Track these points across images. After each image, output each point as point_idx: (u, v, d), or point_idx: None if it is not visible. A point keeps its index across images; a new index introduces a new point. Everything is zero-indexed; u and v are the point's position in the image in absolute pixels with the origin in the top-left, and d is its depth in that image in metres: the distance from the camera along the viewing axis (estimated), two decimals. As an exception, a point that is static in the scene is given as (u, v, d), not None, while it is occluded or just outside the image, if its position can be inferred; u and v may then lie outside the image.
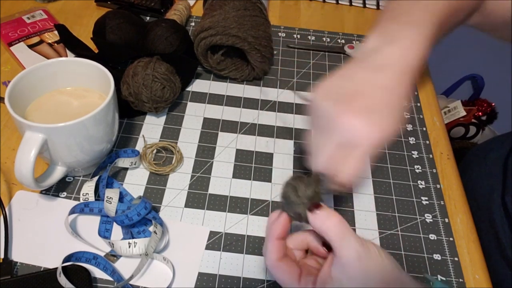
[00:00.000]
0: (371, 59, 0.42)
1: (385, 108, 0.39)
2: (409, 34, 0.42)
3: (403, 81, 0.41)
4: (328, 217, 0.35)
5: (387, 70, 0.41)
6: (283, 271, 0.36)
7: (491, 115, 1.32)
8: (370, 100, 0.39)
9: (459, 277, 0.48)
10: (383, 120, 0.39)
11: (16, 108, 0.46)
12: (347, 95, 0.39)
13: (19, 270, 0.45)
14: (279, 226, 0.37)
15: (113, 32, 0.64)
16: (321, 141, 0.40)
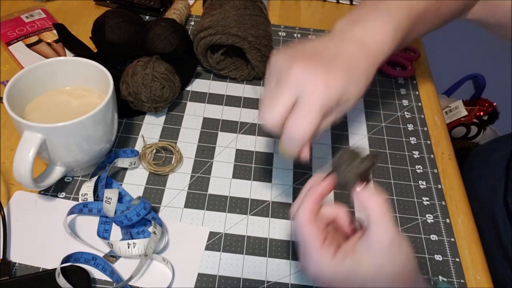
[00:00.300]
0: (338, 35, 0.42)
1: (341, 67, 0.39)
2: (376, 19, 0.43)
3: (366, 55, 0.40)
4: (374, 194, 0.35)
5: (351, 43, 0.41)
6: (310, 233, 0.35)
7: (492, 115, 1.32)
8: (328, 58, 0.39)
9: (460, 278, 0.48)
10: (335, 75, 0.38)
11: (15, 108, 0.45)
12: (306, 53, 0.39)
13: (18, 270, 0.45)
14: (322, 187, 0.37)
15: (112, 31, 0.64)
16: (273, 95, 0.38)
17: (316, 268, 0.35)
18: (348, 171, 0.35)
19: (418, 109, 0.65)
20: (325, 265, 0.34)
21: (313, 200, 0.36)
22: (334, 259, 0.34)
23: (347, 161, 0.35)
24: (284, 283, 0.46)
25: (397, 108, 0.65)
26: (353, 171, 0.35)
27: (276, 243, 0.49)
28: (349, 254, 0.34)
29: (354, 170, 0.35)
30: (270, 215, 0.51)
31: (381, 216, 0.34)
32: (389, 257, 0.33)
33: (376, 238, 0.33)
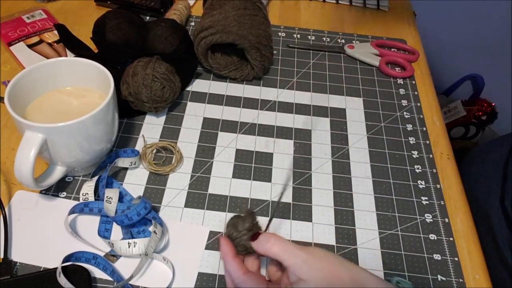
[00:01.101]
0: None
1: None
2: None
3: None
4: (267, 240, 0.38)
5: None
6: (252, 281, 0.38)
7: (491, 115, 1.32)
8: None
9: (459, 277, 0.48)
10: None
11: (16, 108, 0.46)
12: None
13: (19, 270, 0.45)
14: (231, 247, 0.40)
15: (113, 31, 0.64)
16: None
17: None
18: (238, 238, 0.40)
19: (417, 109, 0.66)
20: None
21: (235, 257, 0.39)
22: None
23: (233, 229, 0.40)
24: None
25: (396, 108, 0.65)
26: (242, 234, 0.40)
27: (276, 243, 0.49)
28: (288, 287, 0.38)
29: (242, 233, 0.40)
30: (270, 215, 0.51)
31: (283, 250, 0.38)
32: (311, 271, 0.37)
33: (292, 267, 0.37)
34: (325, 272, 0.37)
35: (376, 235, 0.51)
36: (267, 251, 0.38)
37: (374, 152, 0.59)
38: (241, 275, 0.38)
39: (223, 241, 0.40)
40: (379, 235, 0.51)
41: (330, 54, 0.73)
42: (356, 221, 0.52)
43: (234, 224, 0.40)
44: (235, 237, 0.40)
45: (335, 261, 0.38)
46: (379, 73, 0.71)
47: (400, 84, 0.69)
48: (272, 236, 0.39)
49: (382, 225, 0.52)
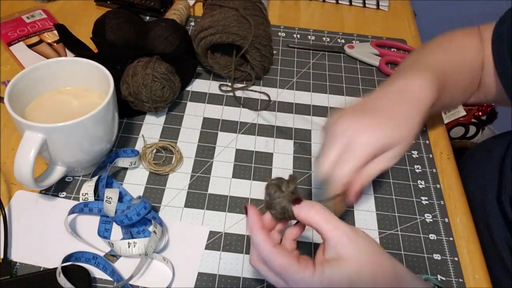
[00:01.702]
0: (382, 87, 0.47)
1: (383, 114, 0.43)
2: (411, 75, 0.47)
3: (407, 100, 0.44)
4: (311, 206, 0.36)
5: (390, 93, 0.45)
6: (282, 255, 0.35)
7: (491, 114, 1.32)
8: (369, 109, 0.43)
9: (459, 277, 0.48)
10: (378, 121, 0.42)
11: (16, 108, 0.46)
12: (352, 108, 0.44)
13: (19, 270, 0.45)
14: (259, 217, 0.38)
15: (112, 31, 0.64)
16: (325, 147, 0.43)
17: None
18: (280, 202, 0.37)
19: (417, 109, 0.66)
20: (311, 282, 0.35)
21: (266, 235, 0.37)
22: (316, 273, 0.35)
23: (277, 189, 0.38)
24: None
25: (396, 108, 0.65)
26: (284, 199, 0.37)
27: (276, 243, 0.49)
28: (324, 263, 0.35)
29: (285, 194, 0.37)
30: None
31: (326, 220, 0.35)
32: (356, 250, 0.34)
33: (334, 240, 0.35)
34: (371, 258, 0.35)
35: (376, 235, 0.51)
36: (309, 218, 0.36)
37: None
38: (269, 247, 0.35)
39: (251, 209, 0.37)
40: (379, 235, 0.51)
41: (330, 54, 0.73)
42: (356, 221, 0.52)
43: (277, 184, 0.38)
44: (277, 197, 0.37)
45: (380, 249, 0.36)
46: (379, 73, 0.71)
47: (400, 84, 0.69)
48: (317, 204, 0.36)
49: (382, 225, 0.52)
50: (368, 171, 0.42)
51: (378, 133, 0.42)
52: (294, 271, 0.35)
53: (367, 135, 0.41)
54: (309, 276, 0.35)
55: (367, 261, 0.34)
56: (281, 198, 0.37)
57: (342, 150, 0.41)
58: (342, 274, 0.34)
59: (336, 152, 0.42)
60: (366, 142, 0.41)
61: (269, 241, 0.36)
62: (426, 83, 0.47)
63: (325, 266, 0.35)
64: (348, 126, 0.42)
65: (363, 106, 0.45)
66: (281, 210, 0.37)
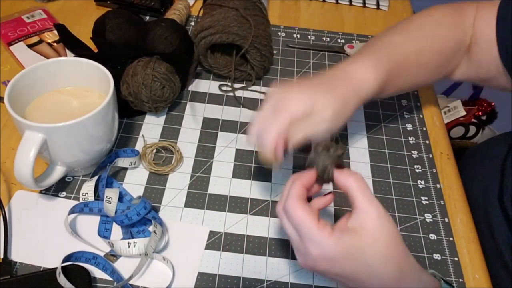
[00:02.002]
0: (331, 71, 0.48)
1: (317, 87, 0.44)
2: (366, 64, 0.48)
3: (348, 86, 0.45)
4: (351, 174, 0.37)
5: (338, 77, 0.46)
6: (304, 211, 0.36)
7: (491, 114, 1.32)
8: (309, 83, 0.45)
9: (459, 277, 0.48)
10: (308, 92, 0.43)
11: (16, 108, 0.46)
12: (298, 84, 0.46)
13: (19, 270, 0.45)
14: (306, 175, 0.39)
15: (112, 31, 0.64)
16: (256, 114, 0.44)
17: (317, 249, 0.36)
18: (324, 160, 0.39)
19: (417, 109, 0.66)
20: (325, 243, 0.35)
21: (299, 188, 0.38)
22: (333, 236, 0.35)
23: (325, 148, 0.39)
24: (284, 282, 0.46)
25: (396, 108, 0.65)
26: (329, 159, 0.39)
27: (276, 243, 0.49)
28: (344, 230, 0.36)
29: (329, 158, 0.39)
30: (269, 215, 0.52)
31: (363, 191, 0.36)
32: (380, 227, 0.35)
33: (365, 212, 0.36)
34: (390, 239, 0.35)
35: (376, 235, 0.51)
36: (347, 184, 0.37)
37: (374, 152, 0.59)
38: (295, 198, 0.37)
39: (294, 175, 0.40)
40: (379, 235, 0.51)
41: (330, 54, 0.73)
42: (356, 221, 0.52)
43: (327, 145, 0.40)
44: (323, 155, 0.39)
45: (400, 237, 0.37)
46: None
47: (400, 84, 0.69)
48: (357, 174, 0.37)
49: (382, 225, 0.52)
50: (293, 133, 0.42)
51: (304, 100, 0.42)
52: (311, 227, 0.36)
53: (293, 100, 0.42)
54: (324, 237, 0.35)
55: (386, 241, 0.35)
56: (326, 156, 0.39)
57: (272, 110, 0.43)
58: (358, 245, 0.35)
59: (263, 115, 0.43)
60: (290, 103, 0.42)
61: (297, 194, 0.37)
62: (367, 71, 0.47)
63: (344, 233, 0.35)
64: (281, 92, 0.44)
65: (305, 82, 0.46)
66: (322, 168, 0.39)
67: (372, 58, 0.49)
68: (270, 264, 0.47)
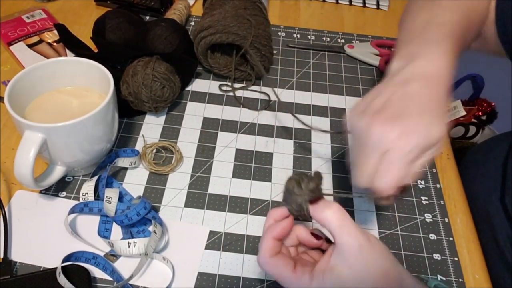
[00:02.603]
0: (397, 76, 0.43)
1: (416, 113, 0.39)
2: (428, 50, 0.43)
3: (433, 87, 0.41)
4: (327, 206, 0.35)
5: (413, 81, 0.41)
6: (277, 265, 0.36)
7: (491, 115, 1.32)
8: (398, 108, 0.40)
9: (459, 277, 0.48)
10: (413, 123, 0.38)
11: (16, 108, 0.46)
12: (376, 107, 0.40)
13: (19, 269, 0.45)
14: (280, 226, 0.37)
15: (112, 31, 0.64)
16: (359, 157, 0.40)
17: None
18: (298, 195, 0.36)
19: (417, 109, 0.66)
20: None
21: (272, 238, 0.37)
22: (314, 281, 0.34)
23: (296, 184, 0.37)
24: None
25: (396, 108, 0.65)
26: (303, 192, 0.36)
27: (276, 242, 0.49)
28: (326, 271, 0.34)
29: (304, 191, 0.36)
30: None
31: (341, 223, 0.34)
32: (362, 260, 0.33)
33: (345, 247, 0.34)
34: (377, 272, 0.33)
35: (376, 235, 0.51)
36: (324, 219, 0.34)
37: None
38: (266, 257, 0.36)
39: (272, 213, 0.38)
40: (379, 235, 0.51)
41: (330, 54, 0.73)
42: (356, 221, 0.52)
43: (297, 180, 0.37)
44: (294, 194, 0.36)
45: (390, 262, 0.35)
46: (379, 73, 0.71)
47: (400, 84, 0.69)
48: (334, 205, 0.35)
49: (382, 225, 0.52)
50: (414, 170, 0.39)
51: (417, 138, 0.38)
52: (288, 281, 0.35)
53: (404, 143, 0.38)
54: (305, 283, 0.35)
55: (372, 274, 0.33)
56: (298, 195, 0.36)
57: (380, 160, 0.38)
58: (341, 283, 0.34)
59: (373, 163, 0.38)
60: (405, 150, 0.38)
61: (267, 249, 0.36)
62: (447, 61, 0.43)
63: (325, 275, 0.34)
64: (382, 131, 0.38)
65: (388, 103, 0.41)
66: (296, 207, 0.37)
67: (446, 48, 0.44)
68: (270, 264, 0.47)
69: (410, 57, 0.44)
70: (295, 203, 0.36)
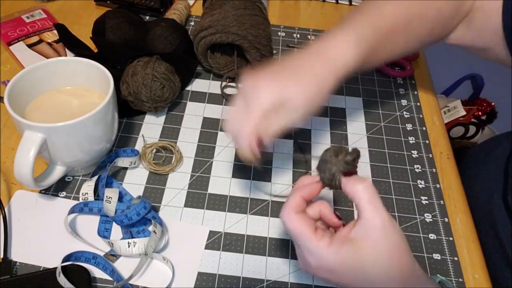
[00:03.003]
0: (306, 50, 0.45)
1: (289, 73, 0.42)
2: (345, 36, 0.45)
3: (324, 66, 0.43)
4: (359, 180, 0.35)
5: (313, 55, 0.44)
6: (300, 222, 0.36)
7: (491, 114, 1.32)
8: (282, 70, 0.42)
9: (458, 276, 0.48)
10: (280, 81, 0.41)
11: (16, 108, 0.46)
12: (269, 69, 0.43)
13: (19, 269, 0.45)
14: (309, 188, 0.38)
15: (112, 31, 0.64)
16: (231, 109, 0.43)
17: (315, 259, 0.35)
18: (332, 167, 0.37)
19: (417, 109, 0.66)
20: (323, 255, 0.35)
21: (297, 197, 0.37)
22: (331, 247, 0.34)
23: (334, 154, 0.37)
24: (284, 281, 0.46)
25: (396, 108, 0.65)
26: (337, 166, 0.36)
27: (276, 242, 0.49)
28: (345, 241, 0.34)
29: (338, 165, 0.36)
30: (269, 214, 0.52)
31: (369, 200, 0.34)
32: (384, 238, 0.34)
33: (369, 222, 0.34)
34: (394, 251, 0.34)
35: (375, 235, 0.51)
36: (354, 192, 0.35)
37: (374, 152, 0.59)
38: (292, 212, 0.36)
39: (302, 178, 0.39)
40: (378, 235, 0.51)
41: (330, 54, 0.73)
42: (356, 220, 0.52)
43: (336, 151, 0.37)
44: (330, 162, 0.37)
45: (406, 247, 0.35)
46: (379, 73, 0.71)
47: (400, 83, 0.69)
48: (367, 181, 0.35)
49: (382, 225, 0.52)
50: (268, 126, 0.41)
51: (273, 86, 0.41)
52: (308, 239, 0.35)
53: (262, 90, 0.41)
54: (322, 249, 0.35)
55: (389, 254, 0.34)
56: (333, 164, 0.36)
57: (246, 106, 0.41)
58: (357, 257, 0.34)
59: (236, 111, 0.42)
60: (260, 96, 0.40)
61: (294, 205, 0.36)
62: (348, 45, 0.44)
63: (344, 245, 0.34)
64: (253, 84, 0.42)
65: (278, 66, 0.44)
66: (329, 176, 0.37)
67: (354, 30, 0.45)
68: (270, 264, 0.47)
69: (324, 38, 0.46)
70: (328, 171, 0.37)
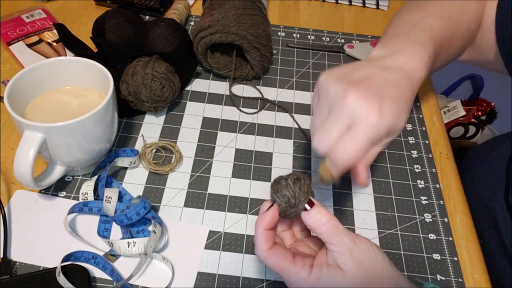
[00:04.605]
0: (379, 61, 0.43)
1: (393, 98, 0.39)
2: (411, 49, 0.44)
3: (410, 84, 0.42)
4: (322, 215, 0.37)
5: (395, 70, 0.42)
6: (276, 257, 0.37)
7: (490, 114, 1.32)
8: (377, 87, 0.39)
9: (458, 277, 0.48)
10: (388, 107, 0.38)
11: (15, 107, 0.45)
12: (355, 79, 0.40)
13: (18, 269, 0.45)
14: (267, 216, 0.38)
15: (112, 31, 0.64)
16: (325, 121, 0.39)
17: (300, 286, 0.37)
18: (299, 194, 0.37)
19: (417, 109, 0.66)
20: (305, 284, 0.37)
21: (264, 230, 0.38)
22: (311, 276, 0.36)
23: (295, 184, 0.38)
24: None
25: (395, 108, 0.65)
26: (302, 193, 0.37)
27: (276, 242, 0.49)
28: (323, 268, 0.36)
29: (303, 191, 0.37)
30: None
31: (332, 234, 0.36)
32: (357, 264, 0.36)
33: (336, 254, 0.36)
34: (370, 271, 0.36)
35: (375, 235, 0.51)
36: (316, 228, 0.36)
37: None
38: (264, 251, 0.37)
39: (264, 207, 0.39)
40: (378, 235, 0.51)
41: (330, 54, 0.73)
42: (356, 220, 0.52)
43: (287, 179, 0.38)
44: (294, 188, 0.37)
45: (382, 261, 0.37)
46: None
47: (400, 83, 0.69)
48: (327, 214, 0.36)
49: (382, 225, 0.52)
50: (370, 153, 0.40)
51: (387, 120, 0.38)
52: (288, 272, 0.37)
53: (377, 120, 0.37)
54: (303, 277, 0.36)
55: (366, 275, 0.36)
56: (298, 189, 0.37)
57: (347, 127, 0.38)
58: (337, 284, 0.36)
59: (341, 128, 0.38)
60: (375, 126, 0.37)
61: (265, 243, 0.37)
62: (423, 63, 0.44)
63: (323, 270, 0.36)
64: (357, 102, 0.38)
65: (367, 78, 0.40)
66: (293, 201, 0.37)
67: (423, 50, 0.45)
68: (270, 263, 0.47)
69: (394, 50, 0.45)
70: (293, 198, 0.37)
